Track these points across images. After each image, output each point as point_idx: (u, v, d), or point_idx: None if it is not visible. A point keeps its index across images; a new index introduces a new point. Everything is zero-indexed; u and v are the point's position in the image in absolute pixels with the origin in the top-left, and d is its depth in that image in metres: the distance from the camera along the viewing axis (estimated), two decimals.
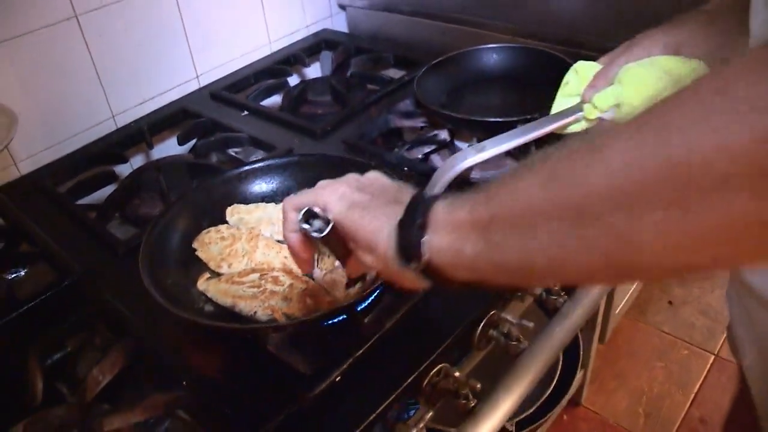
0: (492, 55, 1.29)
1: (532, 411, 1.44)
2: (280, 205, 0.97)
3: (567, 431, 1.81)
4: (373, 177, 0.63)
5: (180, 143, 1.33)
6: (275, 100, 1.52)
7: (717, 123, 0.34)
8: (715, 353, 1.96)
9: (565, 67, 1.00)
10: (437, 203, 0.51)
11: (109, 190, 1.22)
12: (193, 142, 1.34)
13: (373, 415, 0.75)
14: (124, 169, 1.32)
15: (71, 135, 1.34)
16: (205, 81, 1.55)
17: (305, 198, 0.61)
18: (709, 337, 2.01)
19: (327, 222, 0.58)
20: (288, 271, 0.89)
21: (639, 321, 2.08)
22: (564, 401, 1.59)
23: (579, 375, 1.63)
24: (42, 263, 1.05)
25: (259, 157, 1.20)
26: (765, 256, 0.38)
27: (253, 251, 0.92)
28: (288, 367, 0.80)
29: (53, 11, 1.25)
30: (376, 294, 0.85)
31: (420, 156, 1.18)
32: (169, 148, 1.40)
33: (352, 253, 0.60)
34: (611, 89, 0.79)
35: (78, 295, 0.96)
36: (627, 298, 1.89)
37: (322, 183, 0.63)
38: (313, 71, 1.68)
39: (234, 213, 1.00)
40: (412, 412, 0.90)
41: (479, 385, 0.83)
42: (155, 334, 0.88)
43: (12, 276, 1.06)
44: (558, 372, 1.52)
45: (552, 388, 1.48)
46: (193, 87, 1.53)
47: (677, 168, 0.36)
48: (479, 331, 0.89)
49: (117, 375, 0.83)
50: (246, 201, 1.02)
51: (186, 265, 0.92)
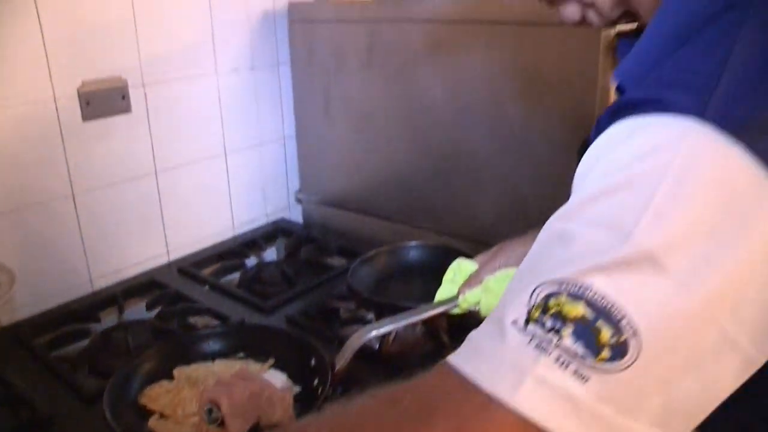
0: (413, 252, 1.55)
1: None
2: (222, 361, 1.19)
3: None
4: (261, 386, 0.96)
5: (148, 309, 1.54)
6: (234, 276, 1.76)
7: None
8: None
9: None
10: None
11: (83, 344, 1.41)
12: (159, 309, 1.55)
13: None
14: (97, 327, 1.52)
15: (52, 294, 1.54)
16: (174, 256, 1.79)
17: (210, 394, 0.94)
18: None
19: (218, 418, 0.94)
20: None
21: None
22: None
23: None
24: (15, 405, 1.22)
25: (214, 325, 1.43)
26: None
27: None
28: None
29: (54, 189, 1.51)
30: None
31: (349, 333, 1.41)
32: (138, 312, 1.60)
33: None
34: (477, 291, 1.08)
35: None
36: None
37: (222, 381, 0.96)
38: (270, 254, 1.94)
39: (181, 373, 1.21)
40: None
41: None
42: None
43: None
44: None
45: None
46: (163, 261, 1.77)
47: None
48: None
49: None
50: (199, 359, 1.24)
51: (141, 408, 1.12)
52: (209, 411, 0.96)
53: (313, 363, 1.17)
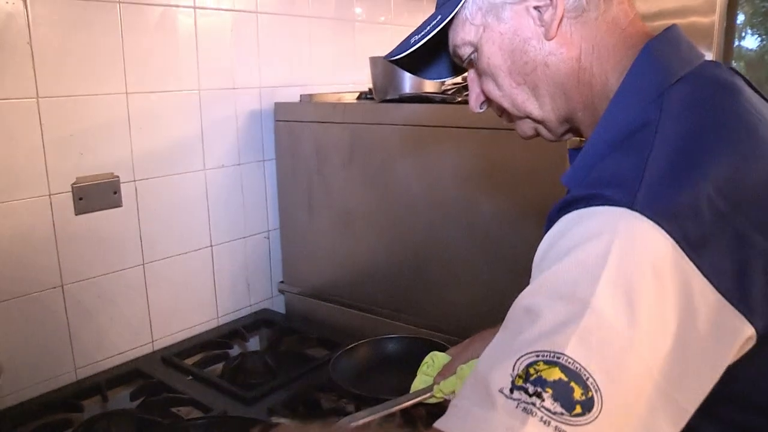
0: (392, 344, 1.61)
1: None
2: None
3: None
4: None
5: (131, 399, 1.57)
6: (217, 366, 1.79)
7: None
8: None
9: (443, 348, 1.36)
10: None
11: None
12: (142, 399, 1.58)
13: None
14: (80, 417, 1.54)
15: (34, 383, 1.58)
16: (159, 345, 1.83)
17: None
18: None
19: None
20: None
21: None
22: None
23: None
24: None
25: (197, 416, 1.46)
26: None
27: None
28: None
29: (44, 280, 1.56)
30: None
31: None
32: (122, 401, 1.62)
33: None
34: (452, 380, 1.14)
35: None
36: None
37: None
38: (253, 344, 1.98)
39: None
40: None
41: None
42: None
43: None
44: None
45: None
46: (148, 350, 1.80)
47: None
48: None
49: None
50: None
51: None
52: None
53: None
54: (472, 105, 0.95)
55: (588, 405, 0.58)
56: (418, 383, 1.24)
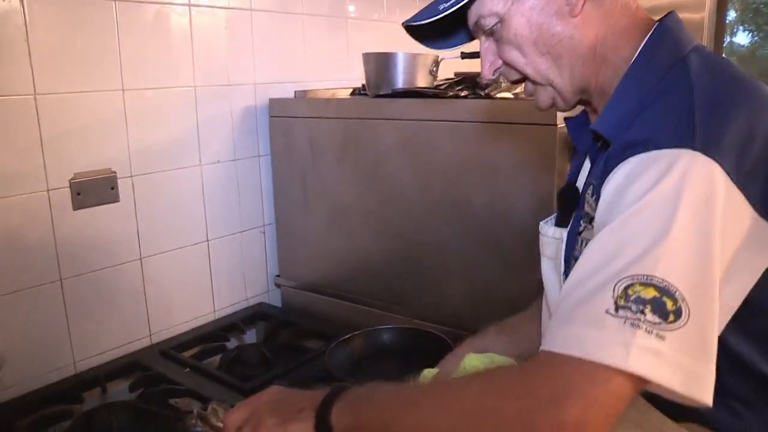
0: (387, 335, 1.64)
1: None
2: None
3: None
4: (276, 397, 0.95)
5: (131, 390, 1.60)
6: (214, 358, 1.82)
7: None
8: None
9: (444, 344, 1.39)
10: (334, 414, 0.85)
11: (65, 425, 1.45)
12: (141, 390, 1.60)
13: None
14: (80, 408, 1.56)
15: (35, 375, 1.60)
16: (157, 339, 1.85)
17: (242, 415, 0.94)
18: None
19: None
20: None
21: None
22: None
23: None
24: None
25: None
26: None
27: None
28: None
29: (43, 275, 1.58)
30: None
31: None
32: (121, 393, 1.65)
33: None
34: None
35: None
36: None
37: (250, 401, 0.96)
38: (249, 337, 2.00)
39: None
40: None
41: None
42: None
43: None
44: None
45: None
46: (146, 343, 1.83)
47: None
48: None
49: None
50: None
51: None
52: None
53: None
54: (485, 73, 1.02)
55: (678, 313, 0.70)
56: None
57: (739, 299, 0.79)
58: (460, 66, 2.03)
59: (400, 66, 1.90)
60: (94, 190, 1.67)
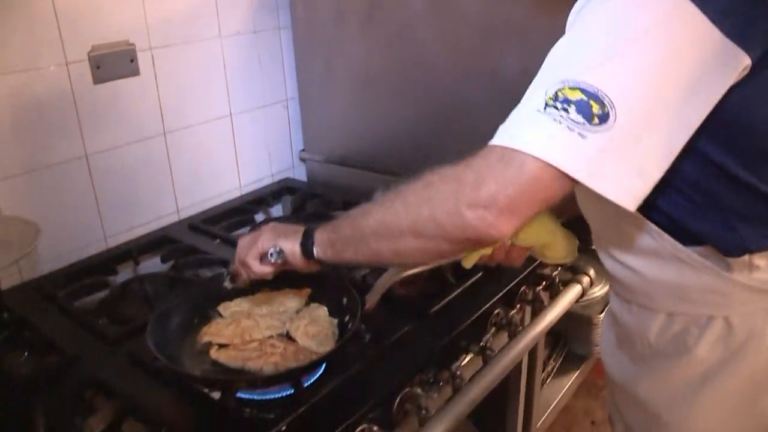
0: None
1: None
2: (262, 294, 1.32)
3: None
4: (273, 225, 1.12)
5: (162, 262, 1.61)
6: (244, 230, 1.82)
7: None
8: None
9: None
10: (317, 231, 1.02)
11: (102, 295, 1.47)
12: (173, 262, 1.61)
13: None
14: (114, 279, 1.58)
15: (69, 251, 1.61)
16: (185, 215, 1.85)
17: (260, 245, 1.08)
18: None
19: (280, 251, 1.06)
20: (281, 339, 1.18)
21: None
22: None
23: None
24: (43, 351, 1.28)
25: None
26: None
27: (257, 323, 1.21)
28: (244, 418, 1.05)
29: (68, 150, 1.56)
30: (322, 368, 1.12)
31: (360, 276, 1.48)
32: (153, 265, 1.67)
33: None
34: None
35: (75, 370, 1.20)
36: (548, 413, 2.11)
37: (255, 234, 1.11)
38: (276, 212, 1.99)
39: (227, 308, 1.28)
40: None
41: None
42: (136, 395, 1.11)
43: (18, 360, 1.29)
44: None
45: None
46: (174, 219, 1.83)
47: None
48: (397, 403, 1.14)
49: (107, 430, 1.05)
50: (234, 296, 1.30)
51: (179, 342, 1.19)
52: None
53: (345, 301, 1.24)
54: None
55: (604, 117, 0.73)
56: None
57: (701, 118, 0.77)
58: None
59: None
60: (113, 63, 1.62)
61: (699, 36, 0.73)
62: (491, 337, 1.38)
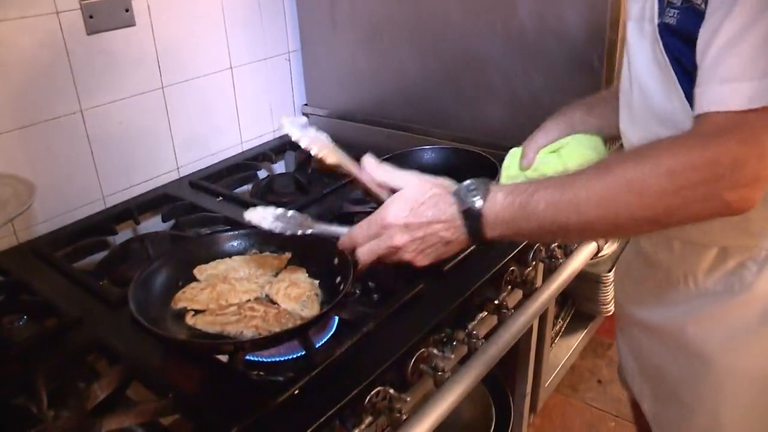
0: (430, 154, 1.55)
1: None
2: (239, 257, 1.22)
3: None
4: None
5: (163, 221, 1.55)
6: (245, 189, 1.76)
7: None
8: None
9: (490, 165, 1.31)
10: (486, 208, 0.86)
11: (101, 256, 1.42)
12: (174, 220, 1.56)
13: (323, 419, 0.95)
14: (114, 239, 1.53)
15: (66, 211, 1.55)
16: (184, 172, 1.78)
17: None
18: None
19: None
20: (260, 302, 1.11)
21: (571, 398, 2.29)
22: None
23: None
24: (42, 315, 1.24)
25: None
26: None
27: (233, 287, 1.14)
28: (253, 383, 1.00)
29: (61, 106, 1.49)
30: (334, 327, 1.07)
31: None
32: (154, 224, 1.61)
33: None
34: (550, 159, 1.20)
35: (77, 333, 1.15)
36: (556, 373, 2.10)
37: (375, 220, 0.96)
38: (279, 168, 1.93)
39: (202, 271, 1.21)
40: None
41: (409, 398, 1.03)
42: (143, 359, 1.07)
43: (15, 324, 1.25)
44: None
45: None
46: (174, 177, 1.76)
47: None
48: (411, 364, 1.10)
49: (110, 395, 1.01)
50: (215, 258, 1.24)
51: (163, 306, 1.12)
52: None
53: (336, 262, 1.18)
54: None
55: None
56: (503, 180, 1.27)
57: None
58: None
59: None
60: (107, 12, 1.54)
61: None
62: (506, 296, 1.33)
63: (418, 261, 0.93)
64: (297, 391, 0.98)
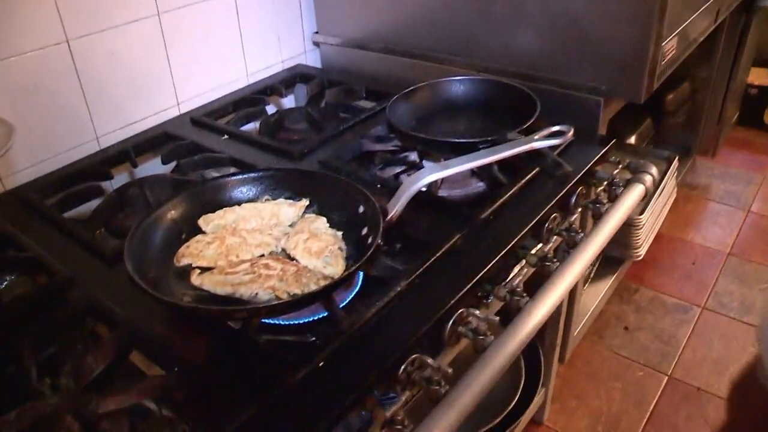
0: (458, 86, 1.39)
1: (495, 423, 1.51)
2: (250, 204, 1.06)
3: None
4: None
5: (164, 162, 1.40)
6: (252, 127, 1.60)
7: None
8: (669, 374, 2.05)
9: (527, 98, 1.15)
10: None
11: (95, 204, 1.27)
12: (175, 162, 1.41)
13: (351, 400, 0.82)
14: (108, 186, 1.38)
15: (54, 154, 1.40)
16: (185, 108, 1.62)
17: None
18: (662, 359, 2.10)
19: None
20: (276, 258, 0.96)
21: (597, 345, 2.17)
22: (526, 418, 1.65)
23: (540, 393, 1.71)
24: (31, 268, 1.10)
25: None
26: None
27: (245, 241, 0.99)
28: (271, 354, 0.87)
29: (45, 35, 1.32)
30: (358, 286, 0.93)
31: (391, 175, 1.27)
32: (153, 167, 1.46)
33: None
34: None
35: (68, 294, 1.01)
36: (584, 321, 1.98)
37: None
38: (288, 102, 1.77)
39: (208, 222, 1.07)
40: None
41: (450, 371, 0.90)
42: (144, 326, 0.94)
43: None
44: (520, 389, 1.60)
45: (514, 403, 1.55)
46: (174, 113, 1.60)
47: None
48: (449, 327, 0.96)
49: (109, 366, 0.88)
50: (222, 207, 1.10)
51: (165, 263, 0.99)
52: None
53: (362, 210, 1.03)
54: None
55: None
56: None
57: None
58: None
59: None
60: None
61: None
62: (550, 248, 1.19)
63: None
64: (321, 363, 0.84)
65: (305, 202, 1.10)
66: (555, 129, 1.07)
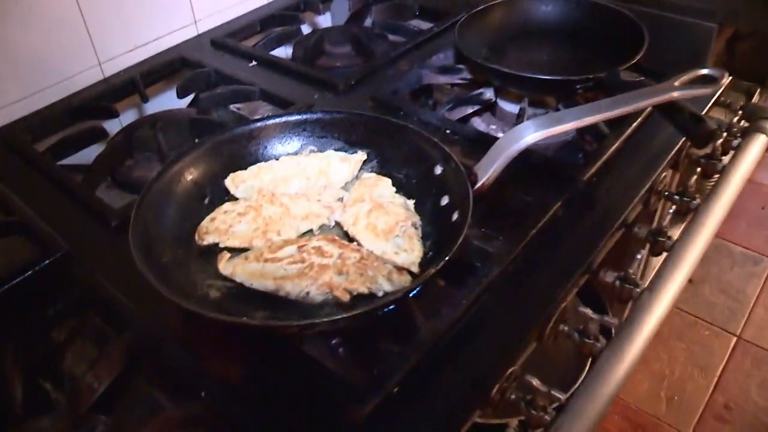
0: (542, 6, 1.13)
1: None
2: (290, 159, 0.84)
3: None
4: None
5: (179, 96, 1.17)
6: (284, 51, 1.35)
7: None
8: (738, 335, 1.85)
9: (623, 21, 0.91)
10: None
11: (97, 149, 1.05)
12: (194, 95, 1.17)
13: None
14: (113, 125, 1.15)
15: (49, 84, 1.17)
16: (204, 27, 1.38)
17: None
18: (731, 318, 1.91)
19: None
20: (330, 239, 0.74)
21: None
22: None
23: None
24: (19, 236, 0.87)
25: (272, 114, 1.02)
26: None
27: (287, 211, 0.77)
28: (330, 374, 0.66)
29: None
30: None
31: (460, 117, 1.03)
32: (166, 101, 1.23)
33: None
34: None
35: (64, 276, 0.80)
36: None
37: None
38: (324, 21, 1.50)
39: (237, 183, 0.84)
40: None
41: (563, 397, 0.68)
42: (161, 326, 0.72)
43: None
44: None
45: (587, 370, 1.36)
46: (191, 33, 1.36)
47: None
48: (550, 327, 0.75)
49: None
50: (256, 162, 0.87)
51: (185, 241, 0.77)
52: None
53: (439, 171, 0.79)
54: None
55: None
56: None
57: None
58: None
59: None
60: None
61: None
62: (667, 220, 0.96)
63: None
64: (396, 389, 0.63)
65: (362, 155, 0.86)
66: (703, 72, 0.81)
